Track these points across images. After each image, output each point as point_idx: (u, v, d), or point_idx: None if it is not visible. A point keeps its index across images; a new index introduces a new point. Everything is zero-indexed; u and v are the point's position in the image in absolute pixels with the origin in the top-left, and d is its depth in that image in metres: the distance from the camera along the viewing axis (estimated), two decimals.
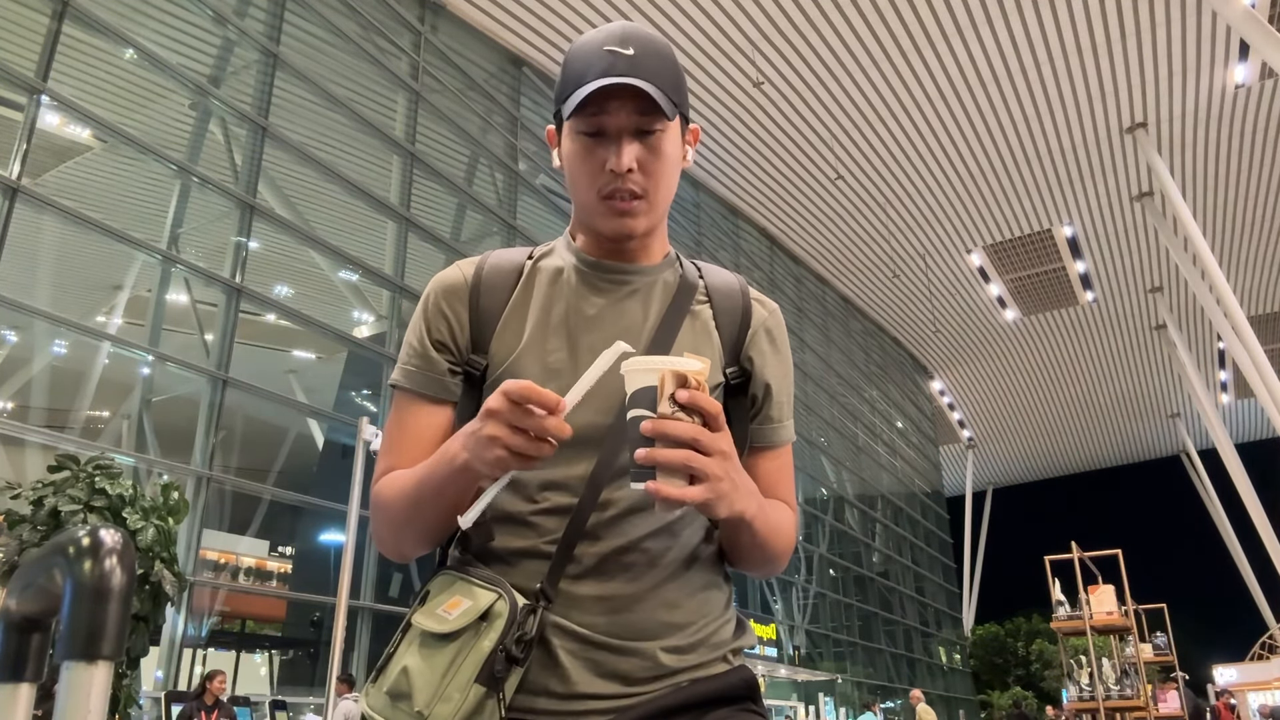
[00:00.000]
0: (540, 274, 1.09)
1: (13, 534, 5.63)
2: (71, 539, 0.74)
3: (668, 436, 0.83)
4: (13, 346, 12.27)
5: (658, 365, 0.85)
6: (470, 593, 0.91)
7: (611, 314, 1.06)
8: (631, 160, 1.00)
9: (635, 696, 0.93)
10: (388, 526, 1.03)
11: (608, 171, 1.01)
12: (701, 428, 0.85)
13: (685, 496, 0.83)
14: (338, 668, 5.37)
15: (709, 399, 0.85)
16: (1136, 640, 9.06)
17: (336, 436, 13.67)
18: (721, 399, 1.06)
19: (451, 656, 0.87)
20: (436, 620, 0.90)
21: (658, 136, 1.02)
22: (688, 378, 0.84)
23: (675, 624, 0.98)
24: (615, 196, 1.02)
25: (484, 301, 1.06)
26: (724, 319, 1.09)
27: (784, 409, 1.12)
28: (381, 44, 12.39)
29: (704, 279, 1.13)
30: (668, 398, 0.84)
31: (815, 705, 18.13)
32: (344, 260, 11.52)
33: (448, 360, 1.05)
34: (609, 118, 1.00)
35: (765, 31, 14.13)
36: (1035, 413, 31.60)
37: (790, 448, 1.14)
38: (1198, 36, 14.60)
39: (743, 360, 1.09)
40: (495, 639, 0.87)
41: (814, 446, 21.13)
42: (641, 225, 1.04)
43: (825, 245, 21.27)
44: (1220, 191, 19.01)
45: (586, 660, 0.93)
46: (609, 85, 0.97)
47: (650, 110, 1.00)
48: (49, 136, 9.68)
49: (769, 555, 1.04)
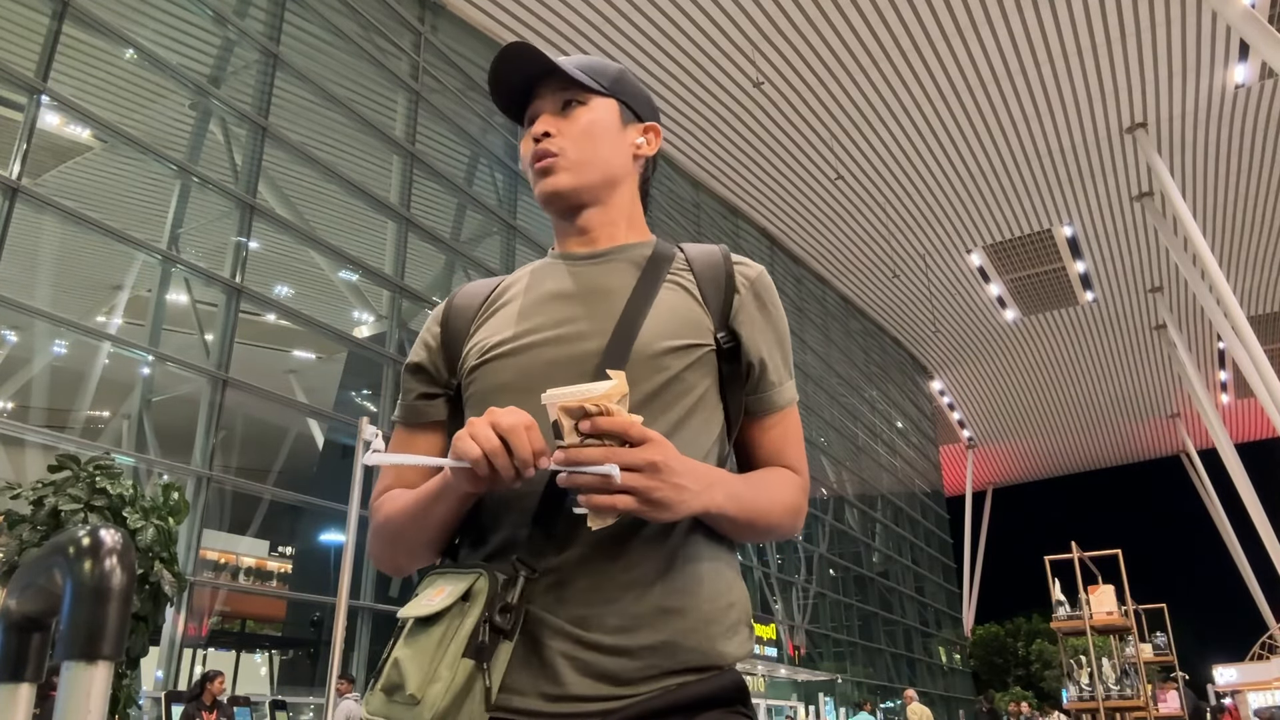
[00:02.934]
0: (511, 283, 1.16)
1: (13, 534, 5.63)
2: (71, 539, 0.74)
3: (576, 463, 0.86)
4: (13, 346, 12.27)
5: (555, 400, 0.88)
6: (451, 579, 0.92)
7: (582, 292, 1.08)
8: (546, 126, 1.11)
9: (625, 699, 0.92)
10: (381, 542, 1.07)
11: (533, 144, 1.12)
12: (615, 448, 0.87)
13: (613, 503, 0.86)
14: (338, 668, 5.36)
15: (612, 420, 0.87)
16: (1136, 640, 9.06)
17: (336, 436, 13.68)
18: (715, 364, 1.06)
19: (438, 637, 0.87)
20: (421, 607, 0.91)
21: (577, 109, 1.12)
22: (584, 408, 0.86)
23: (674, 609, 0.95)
24: (536, 159, 1.12)
25: (453, 325, 1.13)
26: (707, 286, 1.09)
27: (782, 372, 1.11)
28: (381, 44, 12.40)
29: (683, 252, 1.14)
30: (571, 430, 0.87)
31: (815, 705, 18.13)
32: (344, 260, 11.52)
33: (422, 385, 1.12)
34: (537, 103, 1.13)
35: (765, 31, 14.13)
36: (1035, 413, 31.60)
37: (795, 409, 1.12)
38: (1198, 36, 14.61)
39: (732, 324, 1.08)
40: (478, 614, 0.87)
41: (814, 446, 21.14)
42: (564, 181, 1.11)
43: (825, 245, 21.27)
44: (1220, 191, 19.01)
45: (576, 660, 0.92)
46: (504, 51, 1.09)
47: (568, 85, 1.12)
48: (49, 136, 9.69)
49: (762, 530, 1.02)
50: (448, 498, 0.97)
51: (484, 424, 0.88)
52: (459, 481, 0.92)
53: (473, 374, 1.06)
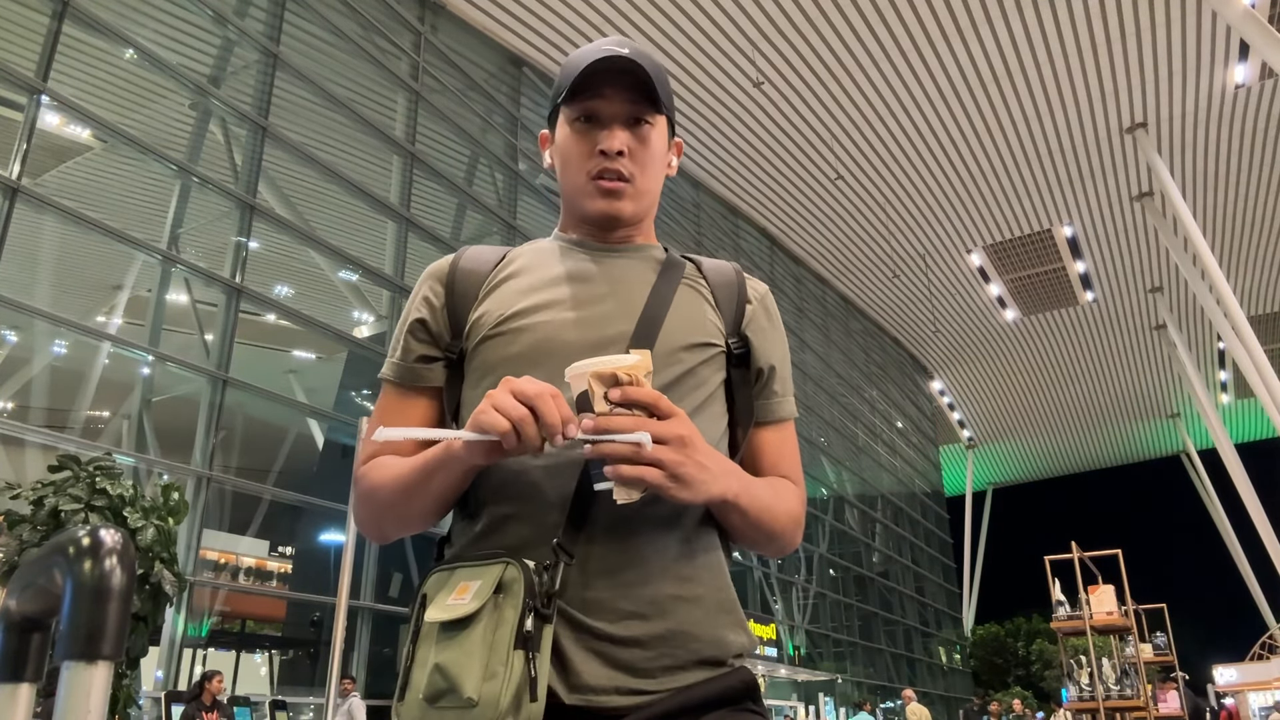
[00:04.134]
0: (524, 254, 1.13)
1: (13, 534, 5.63)
2: (71, 539, 0.74)
3: (607, 431, 0.84)
4: (13, 346, 12.27)
5: (585, 369, 0.86)
6: (474, 573, 0.90)
7: (603, 274, 1.07)
8: (622, 144, 1.05)
9: (639, 695, 0.92)
10: (371, 508, 1.04)
11: (598, 153, 1.05)
12: (644, 418, 0.86)
13: (641, 475, 0.85)
14: (338, 668, 5.37)
15: (643, 390, 0.86)
16: (1136, 640, 9.05)
17: (336, 436, 13.66)
18: (724, 369, 1.07)
19: (481, 635, 0.85)
20: (450, 610, 0.88)
21: (646, 128, 1.07)
22: (617, 375, 0.85)
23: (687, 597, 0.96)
24: (604, 177, 1.06)
25: (461, 285, 1.08)
26: (721, 294, 1.11)
27: (785, 384, 1.14)
28: (381, 44, 12.40)
29: (693, 263, 1.16)
30: (601, 398, 0.85)
31: (815, 705, 18.13)
32: (344, 260, 11.52)
33: (423, 346, 1.08)
34: (603, 103, 1.06)
35: (765, 31, 14.13)
36: (1035, 413, 31.60)
37: (793, 424, 1.15)
38: (1198, 36, 14.61)
39: (744, 332, 1.10)
40: (519, 604, 0.85)
41: (814, 446, 21.14)
42: (628, 209, 1.08)
43: (825, 245, 21.27)
44: (1220, 191, 19.01)
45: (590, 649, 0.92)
46: (605, 59, 1.03)
47: (641, 100, 1.06)
48: (49, 136, 9.69)
49: (767, 534, 1.03)
50: (451, 469, 0.94)
51: (505, 393, 0.86)
52: (471, 454, 0.89)
53: (483, 344, 1.03)
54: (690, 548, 0.99)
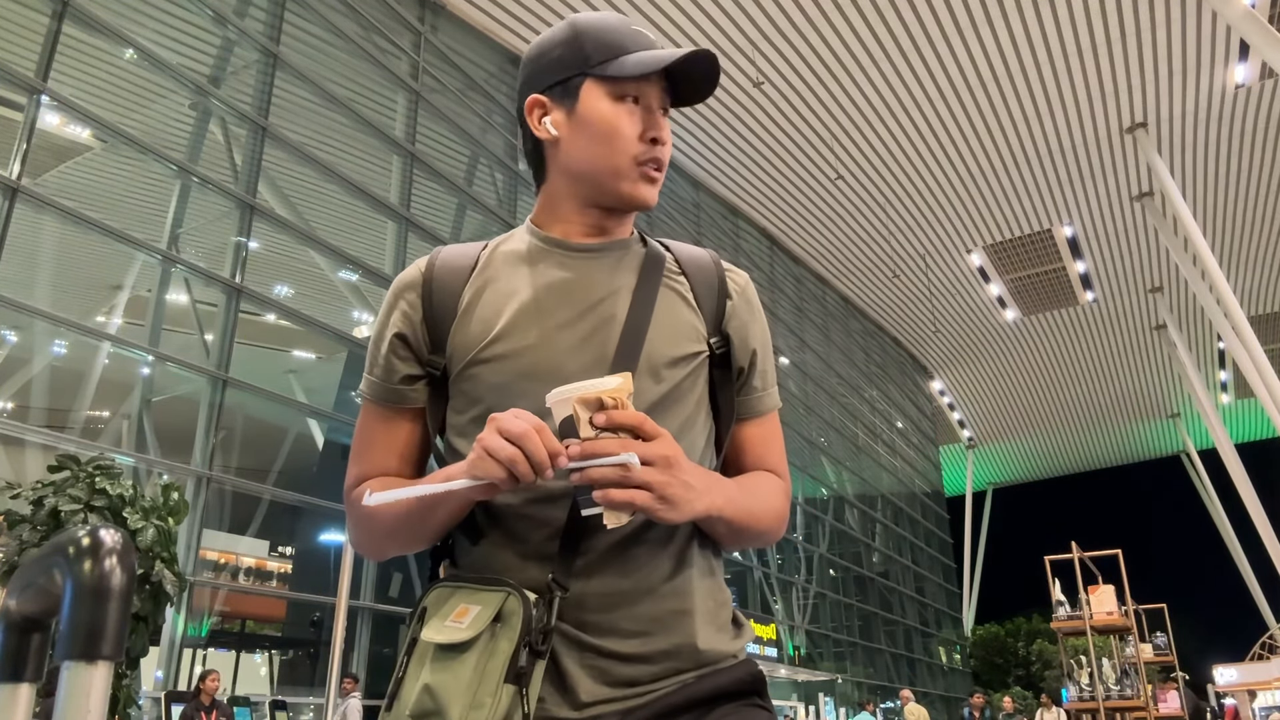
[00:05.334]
0: (497, 260, 1.08)
1: (13, 534, 5.63)
2: (71, 539, 0.73)
3: (594, 456, 0.85)
4: (13, 346, 12.26)
5: (568, 395, 0.87)
6: (475, 598, 0.91)
7: (580, 287, 1.04)
8: (666, 133, 1.06)
9: (644, 695, 0.93)
10: (368, 534, 1.04)
11: (649, 140, 1.04)
12: (630, 440, 0.87)
13: (630, 498, 0.85)
14: (338, 668, 5.37)
15: (627, 413, 0.87)
16: (1136, 640, 9.06)
17: (336, 436, 13.66)
18: (707, 370, 1.06)
19: (474, 663, 0.86)
20: (448, 632, 0.89)
21: (665, 116, 1.07)
22: (601, 400, 0.86)
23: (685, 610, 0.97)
24: (650, 164, 1.05)
25: (438, 298, 1.04)
26: (701, 290, 1.09)
27: (768, 376, 1.13)
28: (381, 44, 12.39)
29: (671, 252, 1.13)
30: (586, 423, 0.86)
31: (815, 705, 18.13)
32: (344, 260, 11.52)
33: (405, 364, 1.05)
34: (651, 91, 1.06)
35: (765, 31, 14.13)
36: (1035, 413, 31.60)
37: (776, 415, 1.14)
38: (1198, 36, 14.60)
39: (725, 329, 1.09)
40: (514, 637, 0.86)
41: (814, 446, 21.13)
42: (656, 199, 1.07)
43: (825, 245, 21.27)
44: (1220, 191, 19.01)
45: (595, 669, 0.92)
46: (700, 54, 1.03)
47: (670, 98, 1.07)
48: (49, 136, 9.68)
49: (752, 537, 1.04)
50: (451, 504, 0.95)
51: (494, 435, 0.87)
52: (469, 492, 0.91)
53: (466, 370, 1.01)
54: (684, 561, 0.99)
